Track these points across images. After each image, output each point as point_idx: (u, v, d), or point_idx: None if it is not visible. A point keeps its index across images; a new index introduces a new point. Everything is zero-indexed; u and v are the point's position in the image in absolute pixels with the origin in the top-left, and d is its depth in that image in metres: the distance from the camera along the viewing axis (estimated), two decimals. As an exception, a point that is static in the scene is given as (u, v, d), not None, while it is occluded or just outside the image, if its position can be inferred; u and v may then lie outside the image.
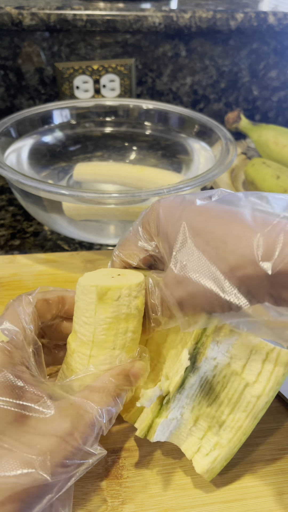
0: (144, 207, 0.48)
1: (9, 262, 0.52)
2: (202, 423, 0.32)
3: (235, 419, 0.30)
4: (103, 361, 0.29)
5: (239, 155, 0.76)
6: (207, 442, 0.31)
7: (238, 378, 0.30)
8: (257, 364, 0.30)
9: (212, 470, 0.31)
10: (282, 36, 0.76)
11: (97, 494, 0.31)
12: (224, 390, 0.31)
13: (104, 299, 0.29)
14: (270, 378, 0.29)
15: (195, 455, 0.32)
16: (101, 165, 0.60)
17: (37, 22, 0.67)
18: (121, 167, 0.57)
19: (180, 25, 0.70)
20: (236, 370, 0.30)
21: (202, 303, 0.27)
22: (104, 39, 0.71)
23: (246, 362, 0.30)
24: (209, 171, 0.49)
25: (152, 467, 0.33)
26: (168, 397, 0.30)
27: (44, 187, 0.44)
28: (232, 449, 0.30)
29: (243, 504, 0.31)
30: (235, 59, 0.77)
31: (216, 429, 0.31)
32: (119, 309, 0.29)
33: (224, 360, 0.30)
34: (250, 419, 0.30)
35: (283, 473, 0.33)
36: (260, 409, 0.30)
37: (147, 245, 0.32)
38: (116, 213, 0.50)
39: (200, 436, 0.32)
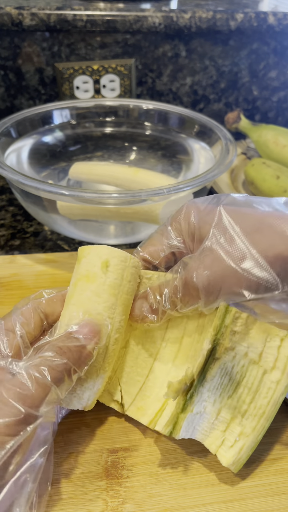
0: (141, 207, 0.48)
1: (9, 262, 0.52)
2: (225, 415, 0.32)
3: (257, 406, 0.31)
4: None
5: (239, 155, 0.76)
6: (231, 433, 0.32)
7: (256, 367, 0.31)
8: (273, 351, 0.31)
9: (238, 461, 0.31)
10: (282, 36, 0.76)
11: (97, 494, 0.31)
12: (244, 379, 0.31)
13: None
14: (287, 363, 0.30)
15: (219, 448, 0.32)
16: (96, 165, 0.60)
17: (37, 22, 0.67)
18: (116, 168, 0.57)
19: (180, 25, 0.70)
20: (254, 359, 0.31)
21: (231, 284, 0.28)
22: (104, 39, 0.71)
23: (262, 350, 0.31)
24: (209, 171, 0.49)
25: (152, 467, 0.33)
26: (191, 391, 0.31)
27: (44, 187, 0.44)
28: (256, 436, 0.31)
29: (243, 504, 0.31)
30: (235, 59, 0.77)
31: (238, 419, 0.31)
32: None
33: (241, 350, 0.31)
34: (272, 405, 0.31)
35: (283, 473, 0.33)
36: (281, 393, 0.30)
37: (175, 241, 0.33)
38: (108, 214, 0.50)
39: (223, 429, 0.32)
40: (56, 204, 0.50)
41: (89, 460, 0.33)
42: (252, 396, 0.31)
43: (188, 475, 0.33)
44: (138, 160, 0.68)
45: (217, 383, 0.32)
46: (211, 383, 0.32)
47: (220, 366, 0.31)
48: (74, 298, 0.32)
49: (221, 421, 0.32)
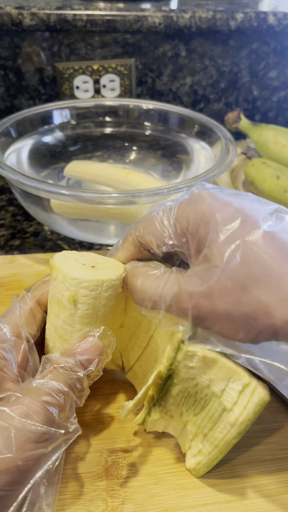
0: (128, 209, 0.48)
1: (9, 262, 0.52)
2: (191, 428, 0.32)
3: (213, 436, 0.31)
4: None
5: (239, 155, 0.76)
6: (195, 445, 0.32)
7: (218, 401, 0.30)
8: (233, 394, 0.29)
9: (197, 471, 0.32)
10: (282, 36, 0.76)
11: (97, 494, 0.31)
12: (206, 407, 0.31)
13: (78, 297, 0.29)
14: (242, 412, 0.28)
15: (187, 451, 0.33)
16: (91, 164, 0.60)
17: (37, 22, 0.67)
18: (109, 169, 0.57)
19: (180, 25, 0.70)
20: (216, 393, 0.30)
21: (223, 327, 0.26)
22: (104, 39, 0.71)
23: (225, 387, 0.29)
24: (209, 171, 0.49)
25: (152, 467, 0.33)
26: (153, 403, 0.32)
27: (44, 187, 0.44)
28: (211, 461, 0.31)
29: (243, 504, 0.31)
30: (235, 59, 0.77)
31: (201, 437, 0.32)
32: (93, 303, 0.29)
33: (203, 381, 0.30)
34: (225, 443, 0.30)
35: (283, 473, 0.33)
36: (233, 437, 0.29)
37: (175, 239, 0.29)
38: (99, 214, 0.50)
39: (191, 438, 0.33)
40: (50, 203, 0.50)
41: (89, 460, 0.33)
42: (212, 425, 0.30)
43: (188, 475, 0.33)
44: (138, 160, 0.68)
45: (182, 401, 0.32)
46: (175, 399, 0.32)
47: (182, 389, 0.31)
48: (50, 318, 0.31)
49: (189, 431, 0.32)
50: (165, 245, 0.29)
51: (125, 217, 0.50)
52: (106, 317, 0.31)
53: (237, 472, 0.33)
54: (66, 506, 0.30)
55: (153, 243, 0.30)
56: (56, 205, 0.51)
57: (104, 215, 0.50)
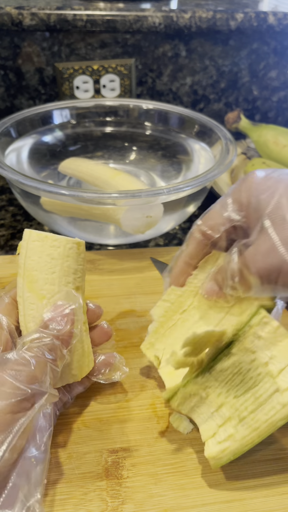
0: (107, 209, 0.49)
1: (9, 262, 0.52)
2: (225, 411, 0.32)
3: (255, 418, 0.30)
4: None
5: (239, 155, 0.76)
6: (224, 431, 0.31)
7: (271, 381, 0.30)
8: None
9: (219, 460, 0.31)
10: (282, 36, 0.76)
11: (97, 494, 0.31)
12: (255, 387, 0.31)
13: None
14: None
15: (209, 439, 0.32)
16: (84, 162, 0.59)
17: (37, 22, 0.67)
18: (99, 168, 0.57)
19: (180, 25, 0.70)
20: (272, 372, 0.30)
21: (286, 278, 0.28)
22: (104, 39, 0.71)
23: (285, 367, 0.29)
24: (209, 171, 0.49)
25: (152, 467, 0.33)
26: (197, 372, 0.32)
27: (44, 187, 0.44)
28: (243, 446, 0.30)
29: (243, 504, 0.31)
30: (235, 59, 0.77)
31: (235, 421, 0.31)
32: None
33: (263, 357, 0.30)
34: (268, 425, 0.29)
35: (283, 473, 0.33)
36: (281, 418, 0.29)
37: (235, 215, 0.32)
38: (82, 212, 0.51)
39: (220, 423, 0.32)
40: (40, 199, 0.51)
41: (89, 460, 0.33)
42: (255, 407, 0.30)
43: (188, 475, 0.33)
44: (138, 160, 0.68)
45: (227, 378, 0.32)
46: (221, 375, 0.32)
47: (235, 363, 0.31)
48: (20, 302, 0.33)
49: (220, 415, 0.32)
50: (226, 223, 0.32)
51: (105, 217, 0.50)
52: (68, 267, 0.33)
53: (237, 472, 0.33)
54: (66, 506, 0.30)
55: (214, 227, 0.33)
56: (45, 202, 0.51)
57: (86, 213, 0.51)
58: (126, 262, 0.54)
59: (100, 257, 0.54)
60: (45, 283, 0.32)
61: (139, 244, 0.58)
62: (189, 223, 0.64)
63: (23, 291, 0.32)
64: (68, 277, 0.32)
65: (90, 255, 0.55)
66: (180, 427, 0.36)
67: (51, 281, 0.32)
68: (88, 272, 0.52)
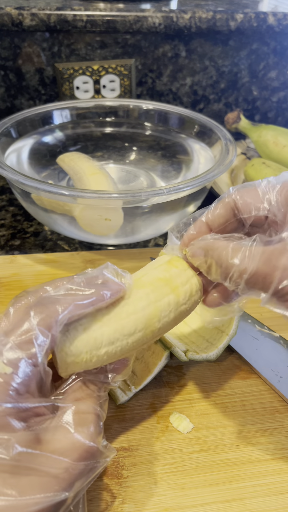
0: (71, 206, 0.48)
1: (9, 262, 0.52)
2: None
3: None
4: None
5: (239, 155, 0.76)
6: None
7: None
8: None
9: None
10: (282, 36, 0.76)
11: (97, 494, 0.31)
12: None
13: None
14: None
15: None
16: (75, 157, 0.59)
17: (37, 23, 0.67)
18: (82, 165, 0.56)
19: (180, 26, 0.70)
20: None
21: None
22: (104, 39, 0.71)
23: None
24: (209, 171, 0.49)
25: (152, 467, 0.33)
26: None
27: (44, 187, 0.44)
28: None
29: (243, 504, 0.31)
30: (235, 59, 0.77)
31: None
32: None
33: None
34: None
35: (283, 473, 0.33)
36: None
37: (275, 207, 0.29)
38: (62, 208, 0.51)
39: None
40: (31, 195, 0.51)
41: (89, 460, 0.33)
42: None
43: (188, 475, 0.33)
44: (138, 160, 0.68)
45: None
46: None
47: None
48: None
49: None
50: (261, 210, 0.29)
51: (71, 214, 0.50)
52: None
53: (237, 472, 0.33)
54: (66, 506, 0.30)
55: (249, 206, 0.30)
56: (35, 198, 0.51)
57: (62, 209, 0.51)
58: (126, 262, 0.54)
59: (100, 257, 0.54)
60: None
61: (139, 244, 0.59)
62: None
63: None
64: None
65: (90, 255, 0.55)
66: (180, 427, 0.36)
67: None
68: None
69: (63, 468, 0.24)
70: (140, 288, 0.30)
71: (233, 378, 0.40)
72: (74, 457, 0.24)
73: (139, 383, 0.37)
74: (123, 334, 0.28)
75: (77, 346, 0.26)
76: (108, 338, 0.27)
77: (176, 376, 0.40)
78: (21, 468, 0.23)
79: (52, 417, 0.26)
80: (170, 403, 0.38)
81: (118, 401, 0.36)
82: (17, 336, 0.25)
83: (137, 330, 0.28)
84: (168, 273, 0.31)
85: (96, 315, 0.28)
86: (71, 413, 0.26)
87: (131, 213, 0.52)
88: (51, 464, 0.23)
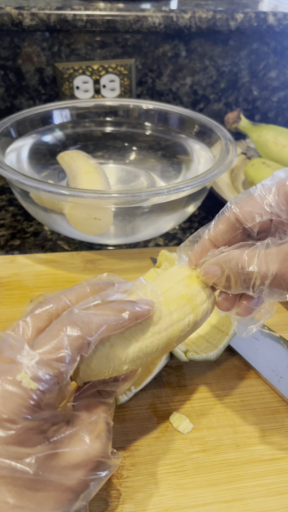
0: (62, 204, 0.48)
1: (9, 262, 0.52)
2: None
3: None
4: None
5: (239, 155, 0.76)
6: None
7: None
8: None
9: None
10: (282, 36, 0.76)
11: (97, 494, 0.31)
12: None
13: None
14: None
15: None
16: (76, 156, 0.59)
17: (37, 22, 0.67)
18: (79, 163, 0.56)
19: (180, 25, 0.70)
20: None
21: None
22: (104, 39, 0.71)
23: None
24: (209, 171, 0.49)
25: (152, 467, 0.33)
26: None
27: (44, 187, 0.44)
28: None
29: (244, 504, 0.31)
30: (235, 59, 0.77)
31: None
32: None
33: None
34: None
35: (283, 473, 0.33)
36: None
37: (276, 207, 0.29)
38: (55, 206, 0.51)
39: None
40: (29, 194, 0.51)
41: (89, 460, 0.33)
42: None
43: (188, 475, 0.33)
44: (138, 160, 0.68)
45: None
46: None
47: None
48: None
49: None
50: (263, 215, 0.29)
51: (61, 211, 0.51)
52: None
53: (237, 472, 0.33)
54: (66, 506, 0.30)
55: (251, 214, 0.29)
56: (34, 197, 0.51)
57: (55, 207, 0.51)
58: (126, 262, 0.54)
59: (100, 257, 0.54)
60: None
61: (139, 244, 0.58)
62: (189, 223, 0.64)
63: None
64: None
65: (90, 255, 0.55)
66: (180, 427, 0.36)
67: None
68: (88, 272, 0.52)
69: (78, 479, 0.24)
70: (165, 305, 0.30)
71: (233, 378, 0.40)
72: (88, 468, 0.25)
73: (139, 383, 0.37)
74: (145, 353, 0.28)
75: (102, 362, 0.27)
76: (132, 357, 0.27)
77: (176, 376, 0.40)
78: (39, 482, 0.23)
79: (67, 424, 0.26)
80: (170, 403, 0.38)
81: (118, 401, 0.36)
82: (47, 353, 0.24)
83: (158, 349, 0.29)
84: (190, 290, 0.31)
85: (124, 332, 0.28)
86: (85, 424, 0.26)
87: (131, 213, 0.52)
88: (67, 476, 0.24)
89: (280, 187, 0.29)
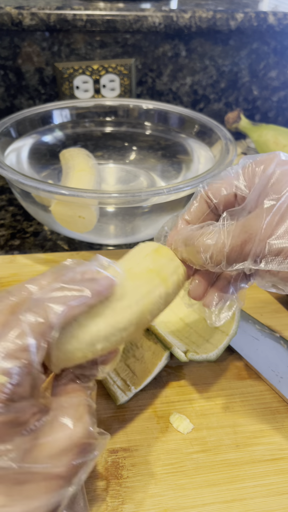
0: (51, 201, 0.48)
1: (9, 262, 0.52)
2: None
3: None
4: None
5: (239, 155, 0.76)
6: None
7: None
8: None
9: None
10: (282, 36, 0.76)
11: (97, 494, 0.31)
12: None
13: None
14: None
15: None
16: (76, 154, 0.59)
17: (37, 22, 0.67)
18: (76, 161, 0.56)
19: (180, 25, 0.70)
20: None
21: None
22: (104, 39, 0.71)
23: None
24: (209, 171, 0.49)
25: (152, 467, 0.33)
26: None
27: (44, 187, 0.44)
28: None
29: (244, 505, 0.31)
30: (235, 59, 0.77)
31: None
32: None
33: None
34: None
35: (283, 473, 0.33)
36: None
37: (241, 185, 0.31)
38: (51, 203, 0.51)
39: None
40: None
41: (89, 460, 0.33)
42: None
43: (188, 475, 0.33)
44: (138, 160, 0.68)
45: None
46: None
47: None
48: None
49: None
50: (229, 189, 0.31)
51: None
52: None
53: (237, 473, 0.33)
54: (66, 506, 0.30)
55: (218, 189, 0.32)
56: (35, 196, 0.51)
57: (48, 203, 0.51)
58: (126, 262, 0.54)
59: (100, 257, 0.54)
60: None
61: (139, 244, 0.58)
62: (189, 223, 0.64)
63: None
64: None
65: (90, 255, 0.54)
66: (180, 427, 0.36)
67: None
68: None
69: (65, 465, 0.24)
70: (132, 280, 0.30)
71: (233, 378, 0.40)
72: (74, 452, 0.24)
73: (139, 383, 0.37)
74: (118, 329, 0.27)
75: (72, 344, 0.26)
76: (104, 334, 0.27)
77: (176, 376, 0.40)
78: (25, 474, 0.23)
79: (47, 413, 0.25)
80: (170, 403, 0.38)
81: (118, 402, 0.36)
82: (10, 343, 0.23)
83: (132, 324, 0.28)
84: (157, 263, 0.31)
85: (90, 311, 0.27)
86: (65, 408, 0.26)
87: (131, 213, 0.52)
88: (53, 463, 0.24)
89: (245, 167, 0.31)
